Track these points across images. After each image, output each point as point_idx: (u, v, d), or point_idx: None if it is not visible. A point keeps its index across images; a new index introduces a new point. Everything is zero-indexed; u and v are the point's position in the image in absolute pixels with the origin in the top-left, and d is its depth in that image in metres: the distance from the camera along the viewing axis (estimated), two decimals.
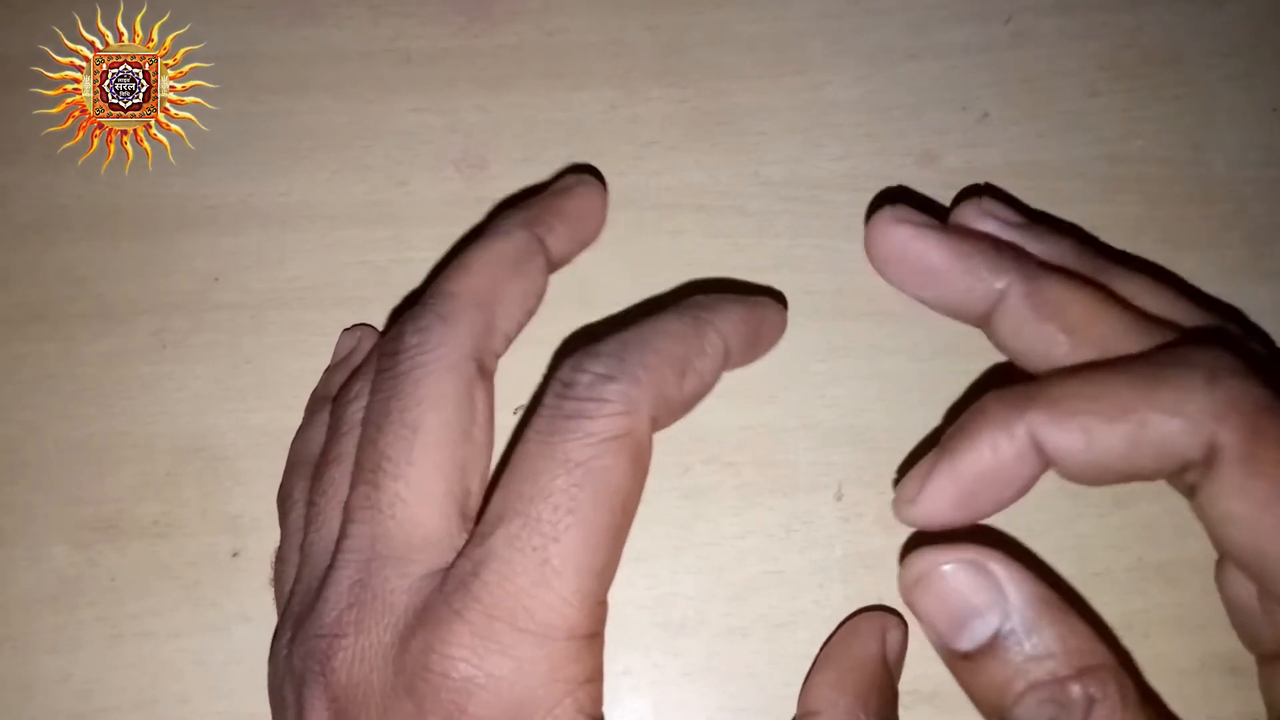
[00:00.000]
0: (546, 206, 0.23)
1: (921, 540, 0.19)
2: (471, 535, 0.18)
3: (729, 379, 0.25)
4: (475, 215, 0.26)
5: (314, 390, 0.25)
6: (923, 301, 0.21)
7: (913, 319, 0.26)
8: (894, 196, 0.25)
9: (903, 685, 0.23)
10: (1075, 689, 0.16)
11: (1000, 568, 0.17)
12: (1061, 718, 0.16)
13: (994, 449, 0.17)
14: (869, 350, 0.25)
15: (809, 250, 0.26)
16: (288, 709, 0.19)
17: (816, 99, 0.27)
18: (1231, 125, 0.28)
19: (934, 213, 0.22)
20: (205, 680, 0.23)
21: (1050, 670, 0.17)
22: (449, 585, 0.17)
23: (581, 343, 0.19)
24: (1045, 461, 0.17)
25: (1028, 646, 0.17)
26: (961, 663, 0.18)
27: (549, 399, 0.18)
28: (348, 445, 0.21)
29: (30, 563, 0.24)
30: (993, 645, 0.17)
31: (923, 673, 0.23)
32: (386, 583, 0.18)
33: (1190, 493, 0.18)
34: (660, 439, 0.19)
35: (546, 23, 0.28)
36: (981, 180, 0.27)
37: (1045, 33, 0.28)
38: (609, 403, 0.17)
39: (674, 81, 0.27)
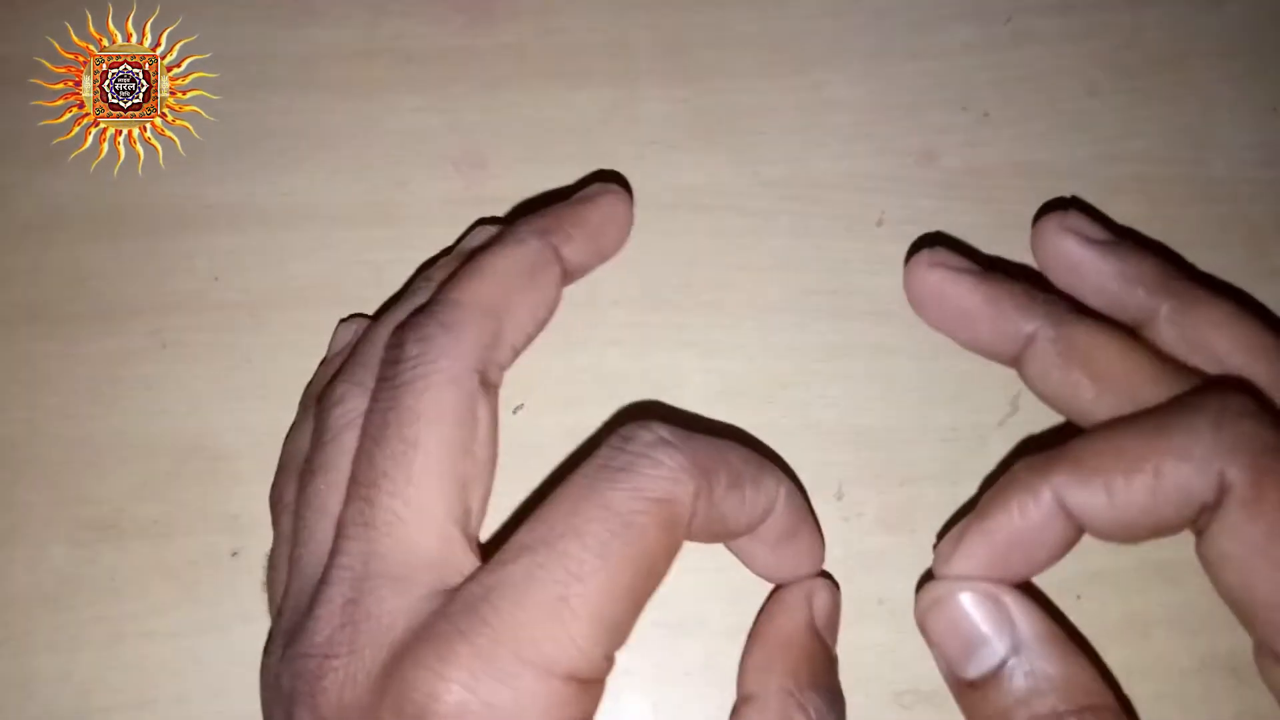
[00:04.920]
0: (565, 215, 0.22)
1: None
2: (489, 561, 0.17)
3: (730, 377, 0.25)
4: (475, 215, 0.26)
5: (308, 386, 0.25)
6: (958, 342, 0.22)
7: (913, 319, 0.26)
8: (934, 240, 0.25)
9: (902, 685, 0.23)
10: None
11: (1013, 601, 0.18)
12: None
13: (1022, 512, 0.18)
14: (869, 350, 0.25)
15: (809, 250, 0.26)
16: None
17: (816, 99, 0.27)
18: (1231, 125, 0.28)
19: (974, 258, 0.22)
20: (204, 680, 0.23)
21: (1051, 705, 0.17)
22: (454, 606, 0.17)
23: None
24: (1075, 524, 0.18)
25: (1031, 679, 0.17)
26: (966, 690, 0.18)
27: (604, 448, 0.18)
28: (332, 453, 0.20)
29: (30, 562, 0.24)
30: (997, 675, 0.18)
31: (923, 673, 0.23)
32: (383, 602, 0.17)
33: (1198, 540, 0.18)
34: None
35: (546, 22, 0.28)
36: (981, 179, 0.27)
37: (1045, 32, 0.28)
38: (662, 465, 0.17)
39: (674, 81, 0.27)
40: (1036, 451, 0.19)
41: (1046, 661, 0.17)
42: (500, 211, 0.26)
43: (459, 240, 0.26)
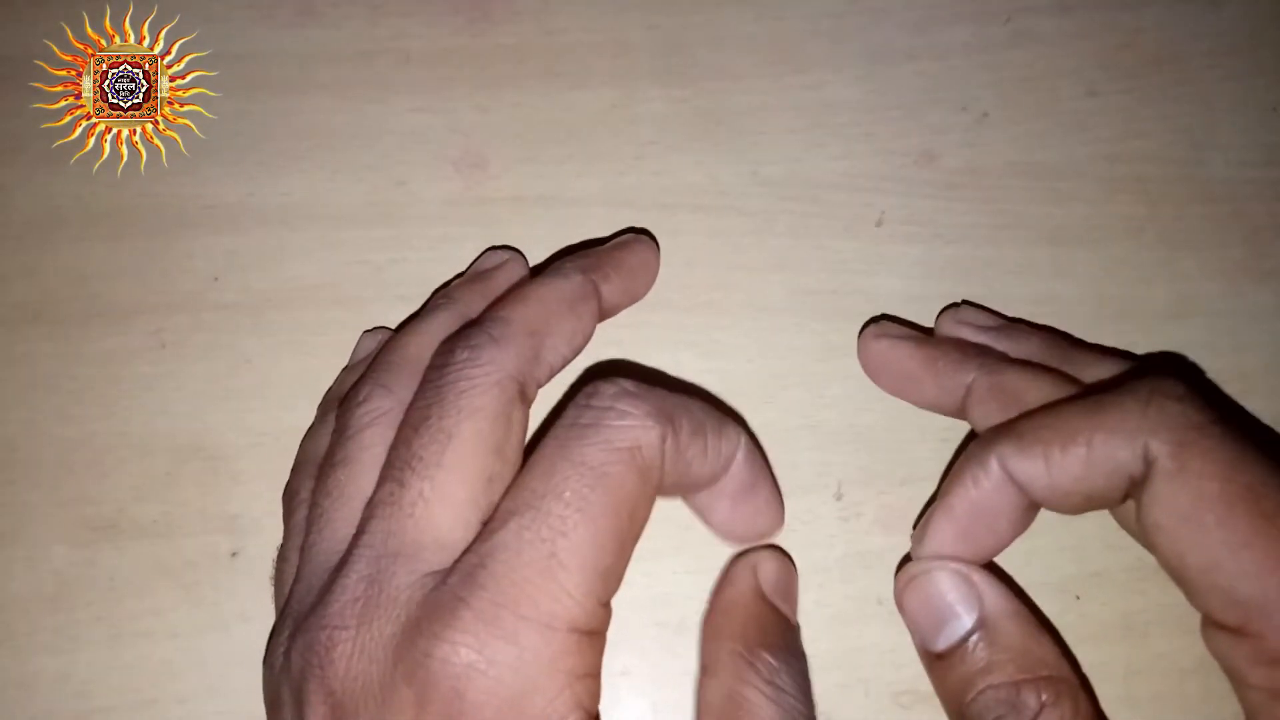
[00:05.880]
0: (605, 257, 0.24)
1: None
2: (480, 532, 0.18)
3: (730, 377, 0.25)
4: (475, 215, 0.26)
5: (328, 391, 0.25)
6: (913, 404, 0.24)
7: (912, 319, 0.26)
8: (880, 318, 0.26)
9: (902, 685, 0.23)
10: (1028, 694, 0.18)
11: (980, 578, 0.20)
12: (1010, 717, 0.18)
13: (975, 483, 0.19)
14: None
15: (809, 250, 0.26)
16: (285, 708, 0.19)
17: (816, 99, 0.27)
18: (1231, 125, 0.28)
19: (924, 331, 0.25)
20: (204, 680, 0.23)
21: (1009, 674, 0.18)
22: (454, 576, 0.17)
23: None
24: (1023, 492, 0.19)
25: (993, 651, 0.19)
26: (935, 662, 0.20)
27: (571, 409, 0.19)
28: (353, 448, 0.21)
29: (29, 563, 0.24)
30: (962, 647, 0.19)
31: (922, 673, 0.23)
32: (394, 578, 0.18)
33: (1136, 514, 0.19)
34: None
35: (546, 22, 0.28)
36: (981, 179, 0.27)
37: (1045, 32, 0.28)
38: (628, 414, 0.18)
39: (674, 81, 0.27)
40: None
41: (1008, 635, 0.19)
42: (500, 211, 0.26)
43: (462, 272, 0.26)
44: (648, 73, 0.27)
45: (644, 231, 0.26)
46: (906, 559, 0.21)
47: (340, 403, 0.22)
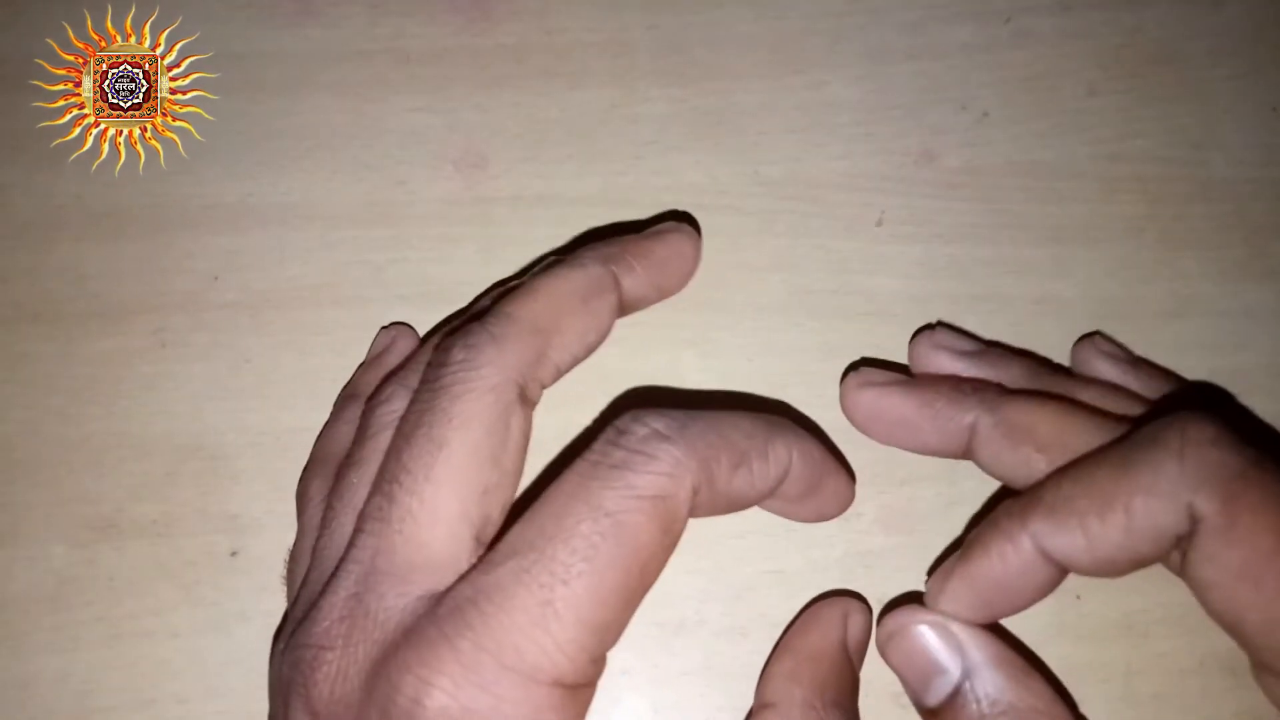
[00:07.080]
0: (631, 246, 0.22)
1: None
2: (480, 561, 0.17)
3: (730, 377, 0.25)
4: (475, 215, 0.26)
5: (344, 387, 0.25)
6: (910, 450, 0.22)
7: (912, 319, 0.26)
8: (859, 364, 0.25)
9: (901, 686, 0.23)
10: None
11: (960, 627, 0.19)
12: None
13: (1002, 559, 0.18)
14: (869, 350, 0.25)
15: (809, 250, 0.26)
16: (276, 716, 0.19)
17: (816, 99, 0.27)
18: (1231, 125, 0.28)
19: (902, 370, 0.24)
20: (203, 680, 0.23)
21: None
22: (443, 608, 0.17)
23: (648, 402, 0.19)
24: (1058, 564, 0.18)
25: (986, 703, 0.18)
26: (931, 718, 0.19)
27: (599, 443, 0.18)
28: (370, 450, 0.20)
29: (29, 562, 0.24)
30: (954, 701, 0.18)
31: None
32: (382, 600, 0.17)
33: (1181, 565, 0.18)
34: None
35: (546, 22, 0.28)
36: (981, 179, 0.27)
37: (1045, 32, 0.28)
38: (656, 460, 0.17)
39: (674, 81, 0.27)
40: None
41: (1000, 684, 0.18)
42: (500, 211, 0.26)
43: (526, 269, 0.26)
44: (648, 73, 0.27)
45: (686, 218, 0.26)
46: (887, 608, 0.21)
47: (367, 401, 0.22)
